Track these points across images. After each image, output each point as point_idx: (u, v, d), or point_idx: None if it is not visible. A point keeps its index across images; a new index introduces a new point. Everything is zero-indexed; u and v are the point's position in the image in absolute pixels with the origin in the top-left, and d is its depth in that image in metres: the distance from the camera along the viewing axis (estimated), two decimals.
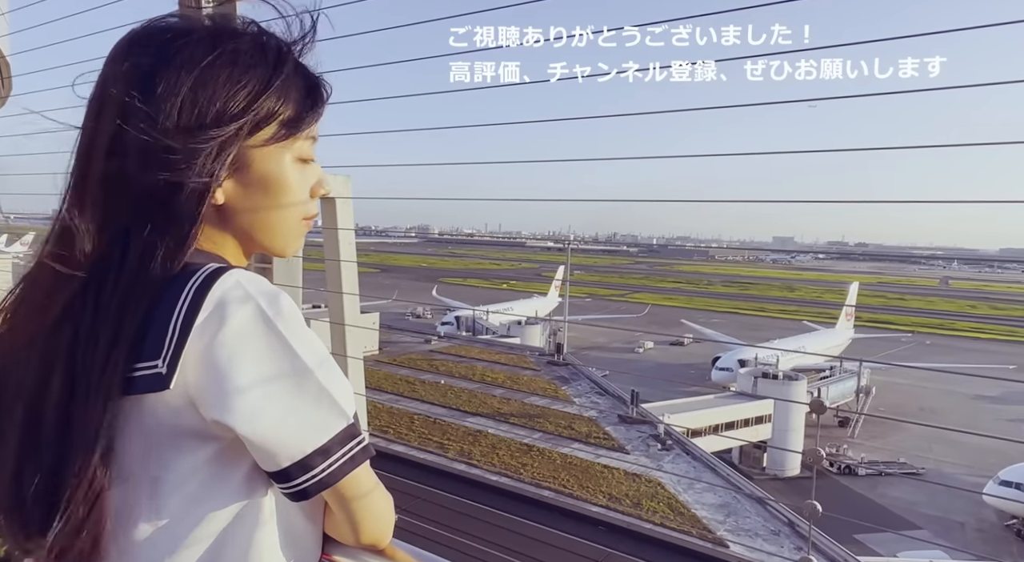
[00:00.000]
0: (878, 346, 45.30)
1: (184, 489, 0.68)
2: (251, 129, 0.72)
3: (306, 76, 0.78)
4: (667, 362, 42.62)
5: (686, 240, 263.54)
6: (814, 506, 1.52)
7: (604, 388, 24.76)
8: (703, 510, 15.60)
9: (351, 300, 2.85)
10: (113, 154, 0.69)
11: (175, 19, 0.74)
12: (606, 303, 65.11)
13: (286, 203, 0.77)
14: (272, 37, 0.76)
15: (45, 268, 0.70)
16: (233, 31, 0.74)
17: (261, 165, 0.75)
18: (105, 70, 0.72)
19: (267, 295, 0.67)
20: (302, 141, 0.78)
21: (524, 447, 18.70)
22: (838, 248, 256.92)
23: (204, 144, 0.69)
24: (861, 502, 23.33)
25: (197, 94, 0.69)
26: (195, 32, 0.72)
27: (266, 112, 0.73)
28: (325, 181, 0.83)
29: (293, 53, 0.77)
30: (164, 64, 0.69)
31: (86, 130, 0.72)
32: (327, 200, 2.76)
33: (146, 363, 0.64)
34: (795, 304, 69.70)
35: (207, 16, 0.78)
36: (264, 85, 0.72)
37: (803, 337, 42.28)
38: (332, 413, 0.69)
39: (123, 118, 0.68)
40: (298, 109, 0.76)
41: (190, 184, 0.69)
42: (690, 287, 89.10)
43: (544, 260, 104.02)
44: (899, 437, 29.16)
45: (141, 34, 0.73)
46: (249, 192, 0.75)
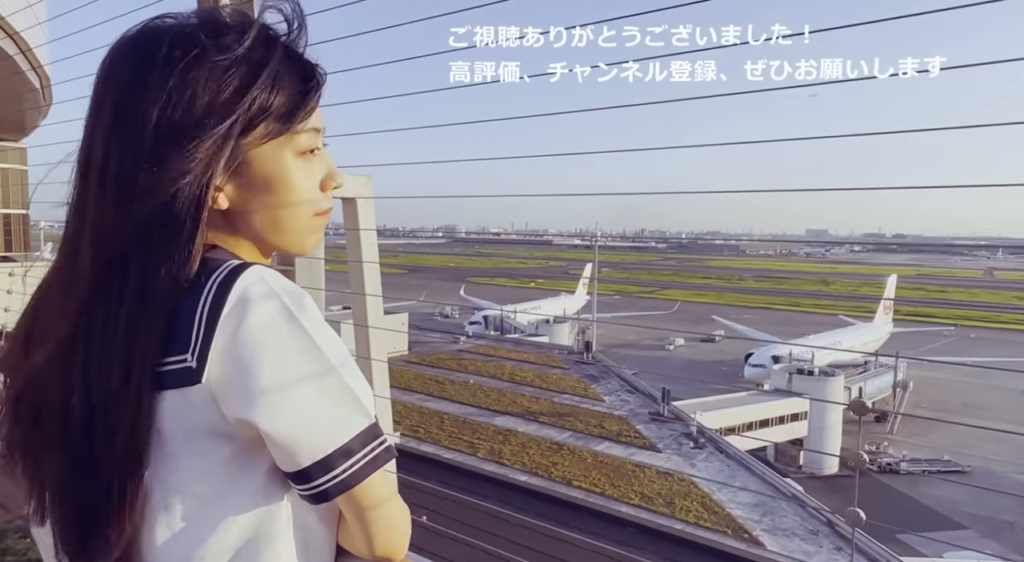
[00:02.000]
0: (919, 340, 43.95)
1: (200, 491, 0.67)
2: (244, 127, 0.70)
3: (297, 66, 0.74)
4: (698, 359, 42.06)
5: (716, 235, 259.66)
6: (856, 513, 1.43)
7: (634, 386, 24.55)
8: (738, 509, 15.31)
9: (374, 301, 2.83)
10: (107, 162, 0.68)
11: (164, 20, 0.72)
12: (635, 300, 64.59)
13: (293, 201, 0.75)
14: (262, 28, 0.73)
15: (54, 283, 0.70)
16: (219, 25, 0.72)
17: (261, 164, 0.72)
18: (96, 82, 0.71)
19: (290, 292, 0.66)
20: (304, 135, 0.75)
21: (554, 446, 18.65)
22: (874, 240, 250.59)
23: (194, 147, 0.67)
24: (904, 501, 22.66)
25: (180, 95, 0.67)
26: (180, 31, 0.70)
27: (257, 107, 0.70)
28: (335, 174, 0.80)
29: (282, 43, 0.74)
30: (148, 68, 0.67)
31: (83, 139, 0.71)
32: (348, 201, 2.75)
33: (173, 358, 0.64)
34: (830, 299, 68.06)
35: (204, 11, 0.75)
36: (251, 79, 0.69)
37: (839, 332, 41.28)
38: (355, 412, 0.67)
39: (113, 126, 0.68)
40: (292, 101, 0.73)
41: (186, 190, 0.67)
42: (721, 283, 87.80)
43: (571, 258, 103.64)
44: (943, 433, 28.21)
45: (126, 41, 0.72)
46: (253, 193, 0.73)
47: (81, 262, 0.68)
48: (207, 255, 0.70)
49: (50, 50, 9.17)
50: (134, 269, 0.66)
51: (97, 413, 0.65)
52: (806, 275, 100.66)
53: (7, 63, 8.70)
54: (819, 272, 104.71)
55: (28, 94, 11.07)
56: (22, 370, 0.71)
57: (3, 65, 8.68)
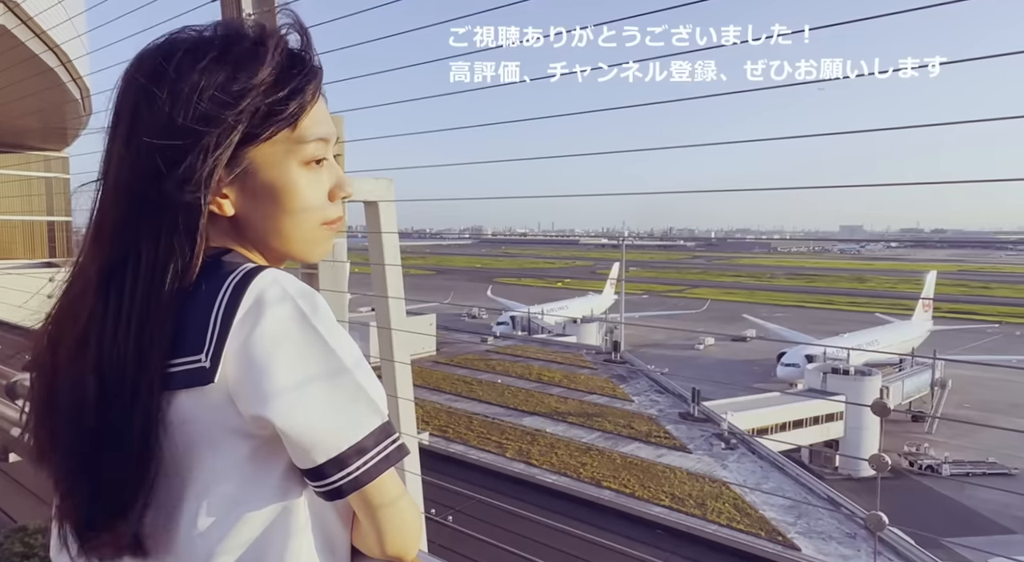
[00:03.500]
0: (961, 338, 42.51)
1: (221, 488, 0.68)
2: (245, 134, 0.71)
3: (302, 75, 0.75)
4: (729, 358, 41.35)
5: (746, 232, 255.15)
6: (879, 517, 1.39)
7: (663, 386, 24.29)
8: (771, 511, 15.02)
9: (397, 304, 2.85)
10: (117, 166, 0.71)
11: (184, 32, 0.75)
12: (663, 299, 63.88)
13: (297, 210, 0.76)
14: (273, 39, 0.74)
15: (76, 278, 0.73)
16: (232, 36, 0.73)
17: (266, 172, 0.74)
18: (117, 91, 0.74)
19: (304, 294, 0.68)
20: (311, 144, 0.76)
21: (583, 446, 18.57)
22: (912, 235, 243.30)
23: (196, 153, 0.68)
24: (948, 504, 21.93)
25: (185, 102, 0.69)
26: (194, 41, 0.72)
27: (258, 115, 0.71)
28: (345, 183, 0.81)
29: (291, 53, 0.75)
30: (158, 76, 0.70)
31: (104, 146, 0.74)
32: (369, 204, 2.77)
33: (186, 358, 0.65)
34: (866, 296, 66.26)
35: (222, 23, 0.76)
36: (256, 87, 0.71)
37: (876, 330, 40.13)
38: (368, 410, 0.69)
39: (124, 132, 0.71)
40: (288, 101, 0.73)
41: (186, 195, 0.69)
42: (751, 281, 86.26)
43: (598, 257, 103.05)
44: (987, 434, 27.22)
45: (145, 51, 0.74)
46: (258, 201, 0.74)
47: (92, 264, 0.71)
48: (223, 258, 0.71)
49: (89, 61, 9.49)
50: (135, 272, 0.68)
51: (107, 412, 0.67)
52: (840, 272, 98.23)
53: (49, 75, 9.03)
54: (854, 269, 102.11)
55: (69, 105, 11.47)
56: (47, 370, 0.73)
57: (45, 77, 9.01)
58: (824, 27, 1.41)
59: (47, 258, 16.49)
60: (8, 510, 3.33)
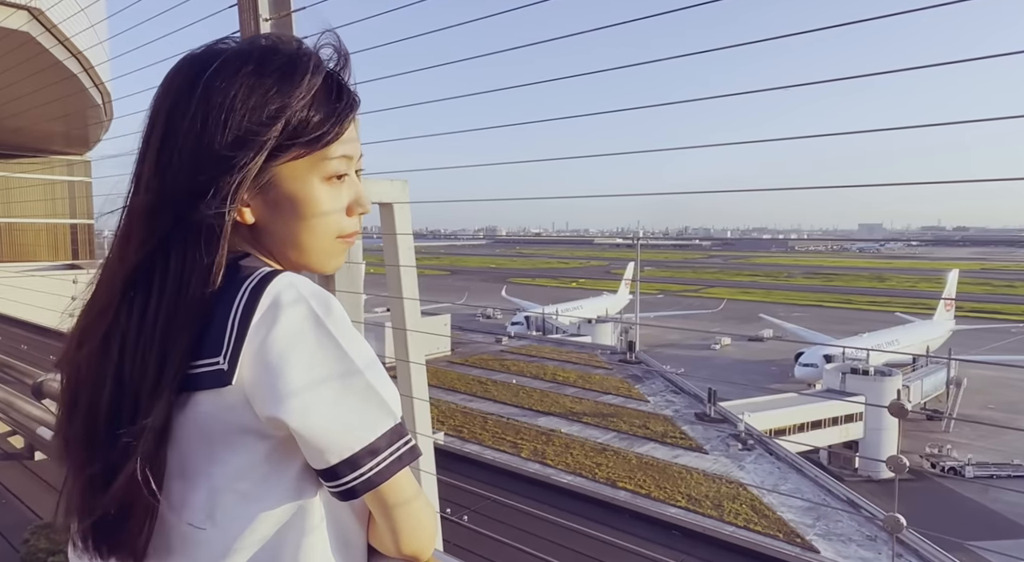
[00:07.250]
0: (984, 338, 41.70)
1: (237, 487, 0.69)
2: (273, 149, 0.73)
3: (332, 92, 0.77)
4: (745, 359, 40.95)
5: (763, 231, 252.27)
6: (897, 519, 1.37)
7: (679, 386, 24.12)
8: (790, 513, 14.84)
9: (412, 304, 2.87)
10: (151, 172, 0.73)
11: (223, 43, 0.77)
12: (679, 299, 63.43)
13: (315, 223, 0.78)
14: (307, 56, 0.76)
15: (103, 280, 0.75)
16: (267, 51, 0.76)
17: (289, 185, 0.75)
18: (154, 97, 0.76)
19: (319, 297, 0.69)
20: (334, 161, 0.78)
21: (598, 447, 18.49)
22: (933, 233, 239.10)
23: (225, 164, 0.71)
24: (971, 506, 21.52)
25: (217, 113, 0.71)
26: (231, 54, 0.75)
27: (290, 130, 0.73)
28: (364, 200, 0.83)
29: (319, 69, 0.76)
30: (193, 86, 0.72)
31: (138, 151, 0.77)
32: (384, 206, 2.79)
33: (206, 360, 0.67)
34: (885, 295, 65.25)
35: (261, 37, 0.78)
36: (287, 102, 0.73)
37: (897, 330, 39.49)
38: (381, 412, 0.70)
39: (158, 139, 0.73)
40: (322, 126, 0.75)
41: (212, 204, 0.71)
42: (768, 280, 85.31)
43: (613, 257, 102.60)
44: (1013, 435, 26.66)
45: (183, 60, 0.77)
46: (278, 212, 0.76)
47: (120, 267, 0.73)
48: (241, 262, 0.73)
49: (110, 67, 9.64)
50: (162, 277, 0.70)
51: (127, 411, 0.68)
52: (859, 271, 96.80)
53: (72, 81, 9.19)
54: (873, 268, 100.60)
55: (91, 110, 11.67)
56: (75, 368, 0.75)
57: (68, 83, 9.17)
58: (844, 25, 1.40)
59: (70, 261, 16.80)
60: (34, 507, 3.40)
